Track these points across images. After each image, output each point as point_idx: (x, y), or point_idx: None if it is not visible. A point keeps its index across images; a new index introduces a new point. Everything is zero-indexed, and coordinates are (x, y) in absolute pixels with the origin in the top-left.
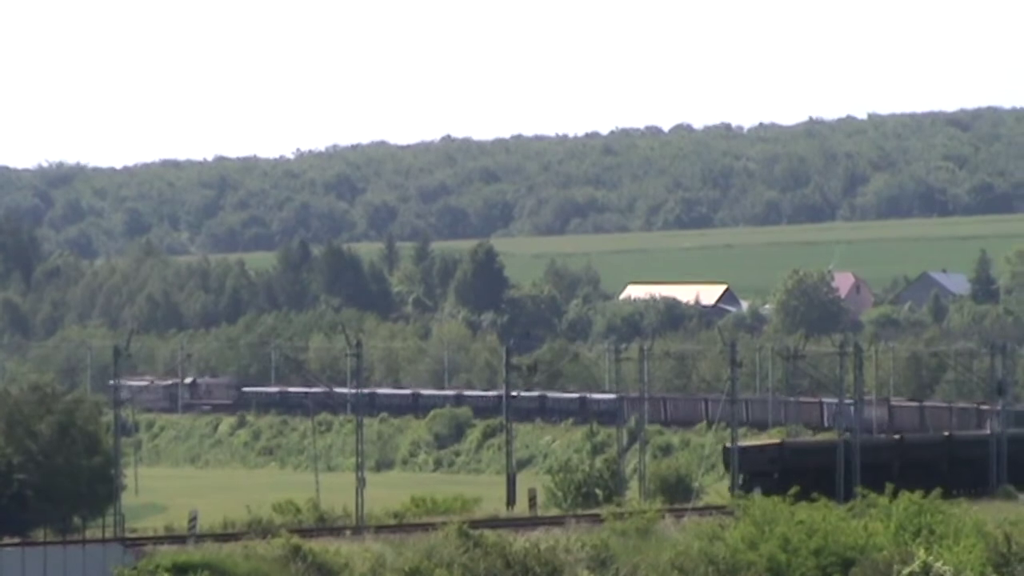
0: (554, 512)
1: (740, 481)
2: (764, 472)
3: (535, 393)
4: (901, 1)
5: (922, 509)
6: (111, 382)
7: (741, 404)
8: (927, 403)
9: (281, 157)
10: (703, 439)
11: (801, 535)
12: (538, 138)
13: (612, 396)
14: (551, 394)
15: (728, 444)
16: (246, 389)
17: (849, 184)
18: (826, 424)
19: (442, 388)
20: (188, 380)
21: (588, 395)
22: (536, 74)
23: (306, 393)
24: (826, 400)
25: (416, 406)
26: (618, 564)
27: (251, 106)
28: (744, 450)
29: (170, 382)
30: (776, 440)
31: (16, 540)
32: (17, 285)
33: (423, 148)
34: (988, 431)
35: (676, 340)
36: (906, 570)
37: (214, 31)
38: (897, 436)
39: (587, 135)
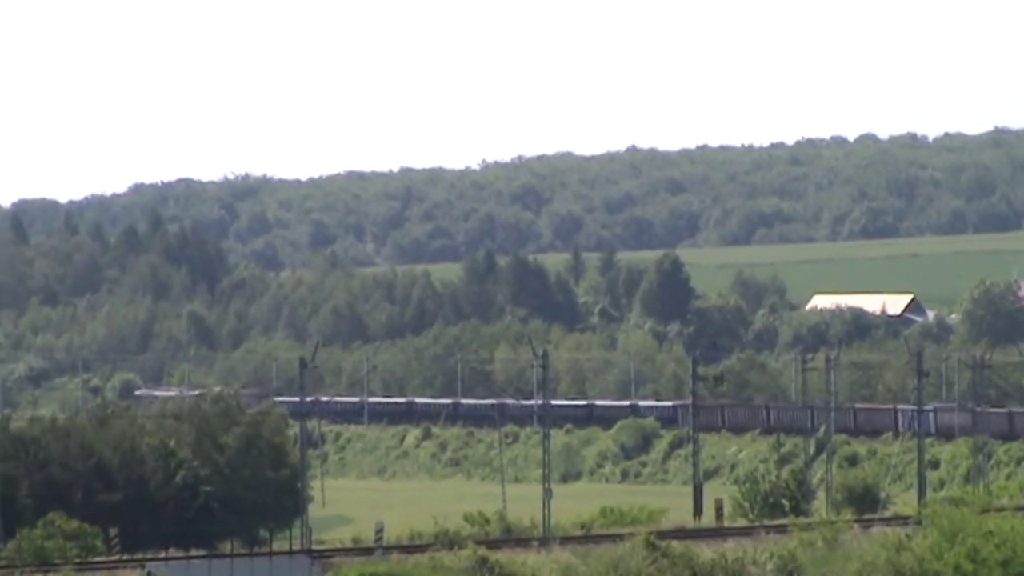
0: (741, 523)
1: None
2: None
3: (720, 403)
4: None
5: None
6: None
7: (929, 414)
8: None
9: (467, 168)
10: (890, 449)
11: (989, 546)
12: (724, 148)
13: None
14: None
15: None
16: (418, 400)
17: None
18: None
19: (628, 398)
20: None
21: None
22: (722, 84)
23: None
24: (1015, 410)
25: (592, 417)
26: (805, 575)
27: (436, 117)
28: None
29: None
30: None
31: (203, 552)
32: (203, 297)
33: (608, 158)
34: None
35: (862, 350)
36: None
37: (400, 44)
38: None
39: (772, 145)
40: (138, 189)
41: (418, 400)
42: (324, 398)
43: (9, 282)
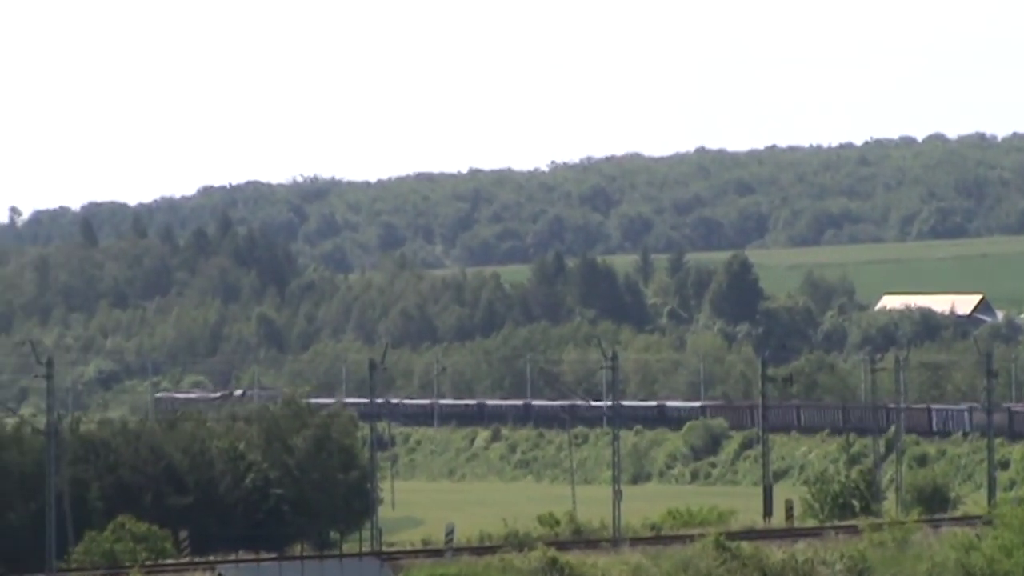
0: (811, 524)
1: None
2: None
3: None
4: None
5: None
6: (325, 399)
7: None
8: None
9: (535, 169)
10: (959, 449)
11: None
12: (792, 149)
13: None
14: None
15: None
16: (488, 402)
17: None
18: None
19: (697, 399)
20: (239, 392)
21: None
22: (791, 85)
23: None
24: None
25: (662, 418)
26: None
27: (505, 118)
28: None
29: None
30: None
31: (274, 555)
32: (273, 300)
33: (677, 160)
34: None
35: (931, 350)
36: None
37: (469, 45)
38: None
39: (841, 146)
40: (207, 191)
41: (488, 402)
42: (394, 400)
43: (79, 285)
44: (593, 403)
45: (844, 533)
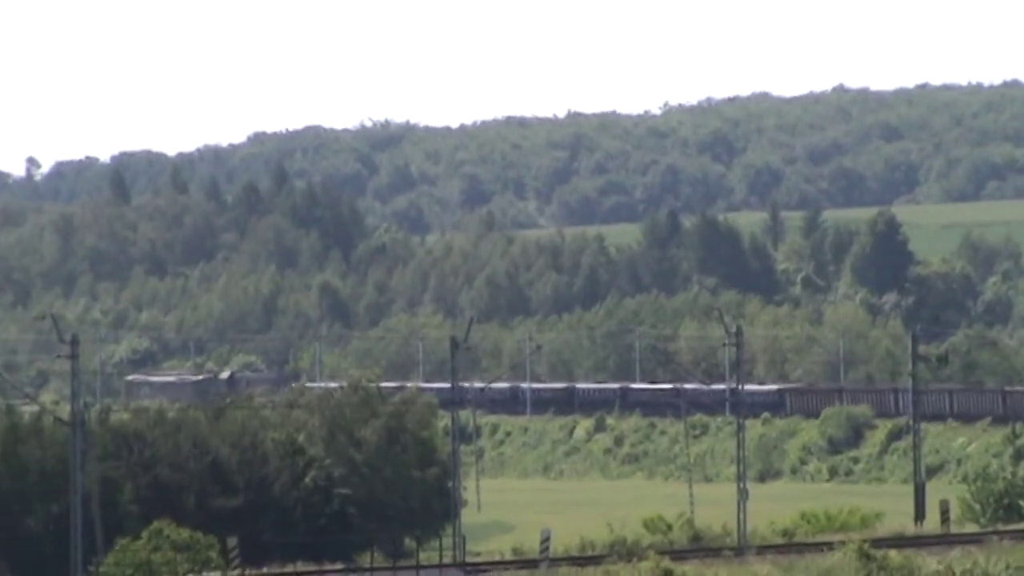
0: (971, 528)
1: None
2: None
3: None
4: None
5: None
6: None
7: None
8: None
9: (645, 112)
10: None
11: None
12: (947, 87)
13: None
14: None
15: None
16: (580, 386)
17: None
18: None
19: (835, 382)
20: (225, 375)
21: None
22: (945, 14)
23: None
24: None
25: (792, 405)
26: None
27: (610, 53)
28: None
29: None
30: None
31: (339, 565)
32: (337, 266)
33: (812, 100)
34: None
35: None
36: None
37: None
38: None
39: (1005, 83)
40: (259, 139)
41: (590, 385)
42: (479, 384)
43: (109, 249)
44: (713, 387)
45: (1010, 539)
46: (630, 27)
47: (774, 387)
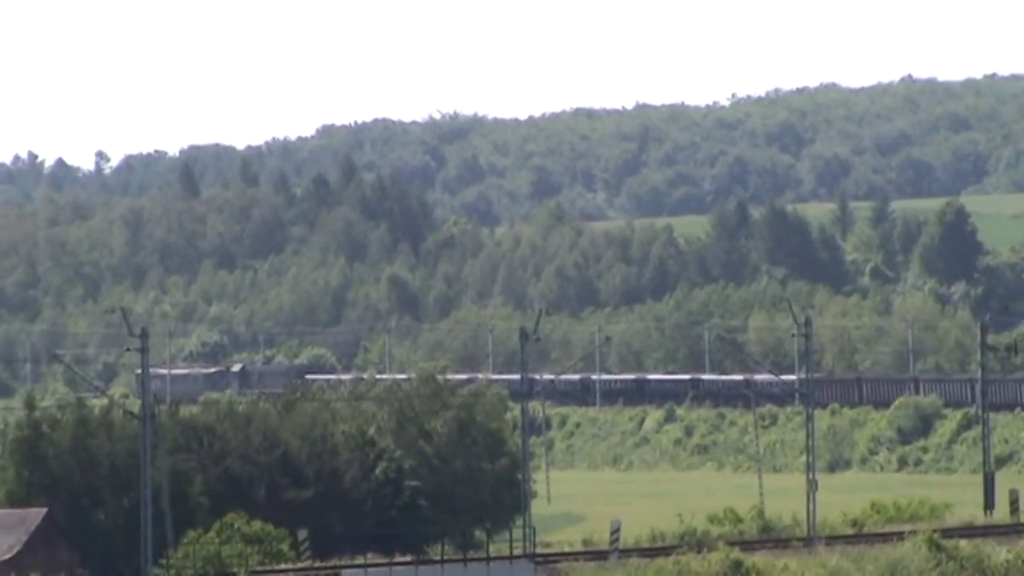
0: None
1: None
2: None
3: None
4: None
5: None
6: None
7: None
8: None
9: (714, 104)
10: None
11: None
12: (1016, 77)
13: None
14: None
15: None
16: (650, 377)
17: None
18: None
19: (905, 372)
20: (236, 367)
21: None
22: (1013, 4)
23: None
24: None
25: (862, 396)
26: None
27: (678, 45)
28: None
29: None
30: None
31: (409, 558)
32: (406, 258)
33: (880, 91)
34: None
35: None
36: None
37: None
38: None
39: None
40: (327, 131)
41: (660, 376)
42: (549, 376)
43: (178, 243)
44: (782, 377)
45: None
46: (699, 18)
47: (852, 377)
